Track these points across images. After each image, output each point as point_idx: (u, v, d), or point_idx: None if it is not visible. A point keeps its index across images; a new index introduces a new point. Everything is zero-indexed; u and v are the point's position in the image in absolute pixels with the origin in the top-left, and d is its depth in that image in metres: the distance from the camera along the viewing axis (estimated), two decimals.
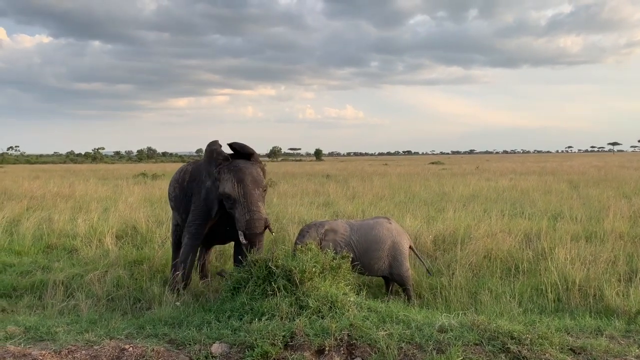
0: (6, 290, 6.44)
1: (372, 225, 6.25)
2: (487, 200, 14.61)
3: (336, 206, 12.99)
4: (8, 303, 6.01)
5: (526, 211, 11.63)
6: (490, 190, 17.45)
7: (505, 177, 24.33)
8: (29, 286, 6.58)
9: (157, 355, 4.16)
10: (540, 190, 16.81)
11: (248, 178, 5.94)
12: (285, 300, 4.82)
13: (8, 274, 7.21)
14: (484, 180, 22.12)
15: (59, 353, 4.15)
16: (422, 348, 4.24)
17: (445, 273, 6.80)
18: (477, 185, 19.25)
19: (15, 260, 7.89)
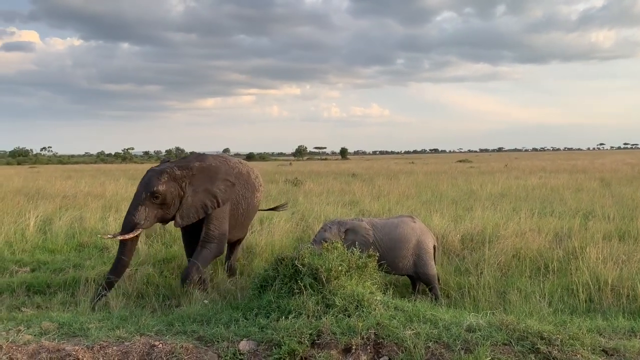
0: (40, 287, 6.61)
1: (396, 223, 6.22)
2: (516, 198, 14.39)
3: (362, 205, 12.96)
4: (42, 299, 6.18)
5: (556, 210, 11.42)
6: (519, 188, 17.18)
7: (535, 175, 23.93)
8: (62, 283, 6.74)
9: (186, 352, 4.22)
10: (571, 189, 16.47)
11: (140, 182, 6.02)
12: (312, 299, 4.84)
13: (42, 271, 7.41)
14: (512, 178, 21.79)
15: (91, 349, 4.25)
16: (449, 347, 4.21)
17: (473, 272, 6.73)
18: (505, 183, 18.97)
19: (49, 258, 8.09)
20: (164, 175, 5.93)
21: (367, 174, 26.50)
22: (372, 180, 21.03)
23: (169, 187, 5.89)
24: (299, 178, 21.64)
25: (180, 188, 6.00)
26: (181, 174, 6.02)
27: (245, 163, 7.18)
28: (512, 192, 16.09)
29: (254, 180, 6.96)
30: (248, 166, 7.13)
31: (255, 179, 7.04)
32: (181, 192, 6.02)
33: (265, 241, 8.22)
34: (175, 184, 5.95)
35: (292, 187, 18.71)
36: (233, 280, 6.60)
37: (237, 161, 6.99)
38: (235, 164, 6.82)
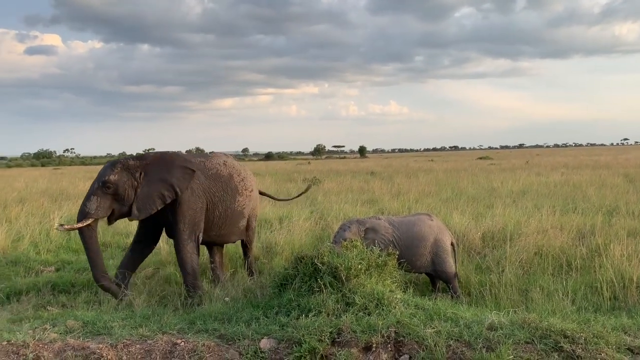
0: (65, 287, 6.73)
1: (414, 221, 6.21)
2: (537, 195, 14.21)
3: (381, 203, 12.93)
4: (67, 298, 6.29)
5: (579, 206, 11.25)
6: (540, 185, 16.96)
7: (557, 171, 23.60)
8: (86, 282, 6.85)
9: (207, 350, 4.27)
10: (594, 185, 16.20)
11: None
12: (332, 297, 4.85)
13: (67, 270, 7.55)
14: (534, 175, 21.52)
15: (115, 347, 4.32)
16: (471, 346, 4.19)
17: (494, 270, 6.67)
18: (527, 180, 18.74)
19: (73, 257, 8.24)
20: (117, 165, 5.98)
21: (386, 172, 26.41)
22: (391, 179, 20.96)
23: (121, 177, 5.89)
24: (317, 177, 21.66)
25: (134, 178, 5.97)
26: (135, 164, 6.02)
27: (231, 165, 6.80)
28: (533, 189, 15.89)
29: (236, 184, 6.66)
30: (234, 169, 6.78)
31: (240, 182, 6.73)
32: (135, 183, 5.98)
33: (285, 240, 8.26)
34: (128, 174, 5.95)
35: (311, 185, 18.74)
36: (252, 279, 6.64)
37: (220, 162, 6.72)
38: (215, 165, 6.61)
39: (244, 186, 6.76)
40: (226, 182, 6.56)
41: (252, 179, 7.08)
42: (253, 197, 6.98)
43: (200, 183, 6.31)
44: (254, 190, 7.00)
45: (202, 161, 6.58)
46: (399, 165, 37.78)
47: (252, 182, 7.02)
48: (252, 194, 6.92)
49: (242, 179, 6.78)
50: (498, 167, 30.17)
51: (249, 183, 6.89)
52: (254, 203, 7.07)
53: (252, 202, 6.94)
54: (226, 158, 6.96)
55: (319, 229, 9.37)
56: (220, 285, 6.37)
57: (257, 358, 4.26)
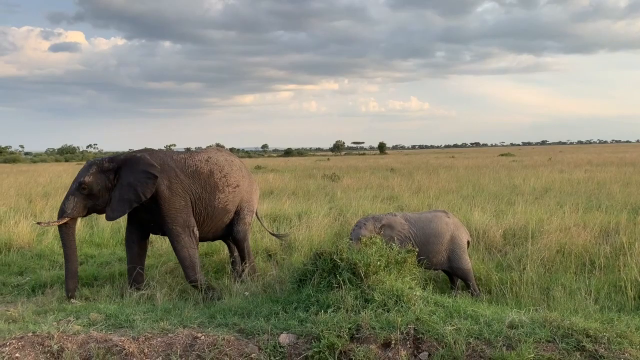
0: (88, 280, 6.85)
1: (430, 218, 6.19)
2: (560, 193, 14.01)
3: (400, 200, 12.88)
4: (90, 292, 6.40)
5: (603, 204, 11.05)
6: (563, 182, 16.71)
7: (580, 168, 23.22)
8: (109, 276, 6.97)
9: (227, 344, 4.31)
10: (619, 182, 15.90)
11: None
12: (351, 293, 4.85)
13: (89, 264, 7.68)
14: (557, 172, 21.21)
15: (136, 339, 4.39)
16: (491, 344, 4.16)
17: (515, 268, 6.60)
18: (549, 177, 18.48)
19: (96, 252, 8.37)
20: (92, 167, 6.13)
21: (406, 169, 26.28)
22: (411, 175, 20.85)
23: (95, 179, 6.04)
24: (336, 173, 21.65)
25: (108, 180, 6.12)
26: (108, 167, 6.15)
27: (214, 161, 6.66)
28: (556, 186, 15.66)
29: (216, 180, 6.54)
30: (217, 165, 6.64)
31: (221, 178, 6.58)
32: (109, 185, 6.12)
33: (304, 236, 8.28)
34: (103, 176, 6.09)
35: (330, 182, 18.74)
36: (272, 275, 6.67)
37: (203, 159, 6.60)
38: (196, 162, 6.51)
39: (225, 182, 6.61)
40: (205, 179, 6.46)
41: (239, 174, 6.84)
42: (239, 193, 6.78)
43: (179, 182, 6.26)
44: (239, 185, 6.78)
45: (183, 158, 6.50)
46: (419, 161, 37.56)
47: (238, 178, 6.79)
48: (237, 189, 6.73)
49: (223, 175, 6.63)
50: (520, 164, 29.79)
51: (233, 179, 6.71)
52: (245, 197, 6.88)
53: (237, 197, 6.75)
54: (213, 153, 6.82)
55: (337, 225, 9.37)
56: (240, 279, 6.41)
57: (277, 353, 4.29)
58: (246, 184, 6.97)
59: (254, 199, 7.15)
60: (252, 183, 7.17)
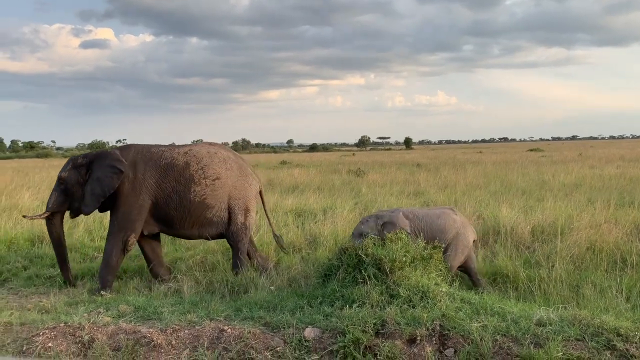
0: (118, 273, 6.97)
1: (437, 214, 6.20)
2: (591, 189, 13.70)
3: (427, 195, 12.77)
4: (119, 284, 6.52)
5: (636, 200, 10.76)
6: (594, 178, 16.33)
7: (612, 164, 22.66)
8: (137, 269, 7.09)
9: (253, 337, 4.35)
10: None
11: None
12: (376, 289, 4.85)
13: None
14: (587, 167, 20.75)
15: (164, 331, 4.47)
16: (518, 341, 4.11)
17: (544, 265, 6.49)
18: (579, 173, 18.09)
19: None
20: (69, 163, 6.44)
21: (433, 164, 26.04)
22: (437, 171, 20.66)
23: (70, 174, 6.31)
24: (361, 168, 21.58)
25: (80, 176, 6.32)
26: (81, 162, 6.40)
27: (193, 154, 6.45)
28: (586, 182, 15.32)
29: (192, 172, 6.32)
30: (195, 157, 6.42)
31: (198, 170, 6.35)
32: (81, 180, 6.32)
33: (329, 231, 8.28)
34: (76, 171, 6.34)
35: (355, 177, 18.70)
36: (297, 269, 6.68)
37: (182, 151, 6.46)
38: (173, 154, 6.39)
39: (202, 174, 6.35)
40: (180, 172, 6.30)
41: (220, 167, 6.49)
42: (220, 186, 6.44)
43: (144, 178, 6.22)
44: (220, 178, 6.43)
45: (160, 151, 6.42)
46: (446, 157, 37.17)
47: (219, 170, 6.45)
48: (216, 182, 6.41)
49: (200, 167, 6.37)
50: (549, 159, 29.25)
51: (211, 171, 6.40)
52: (233, 194, 6.54)
53: (217, 191, 6.42)
54: (196, 146, 6.64)
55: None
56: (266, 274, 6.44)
57: (302, 346, 4.32)
58: (232, 178, 6.55)
59: (248, 196, 6.69)
60: (246, 178, 6.70)
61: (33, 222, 9.01)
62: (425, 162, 28.99)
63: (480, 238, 7.81)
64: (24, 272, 7.11)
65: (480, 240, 7.73)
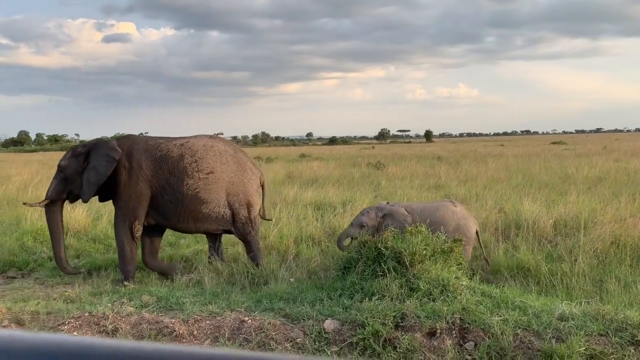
0: (140, 264, 7.08)
1: (436, 207, 6.20)
2: (615, 182, 13.46)
3: (447, 189, 12.70)
4: (142, 275, 6.63)
5: None
6: (619, 171, 16.04)
7: (638, 157, 22.22)
8: (160, 260, 7.18)
9: (273, 328, 4.39)
10: None
11: None
12: (395, 282, 4.85)
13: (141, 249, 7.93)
14: (612, 161, 20.38)
15: (186, 322, 4.53)
16: (539, 335, 4.07)
17: (566, 259, 6.41)
18: (604, 166, 17.78)
19: None
20: (69, 152, 6.62)
21: (453, 157, 25.83)
22: (458, 164, 20.49)
23: (69, 163, 6.44)
24: (381, 161, 21.51)
25: (79, 165, 6.42)
26: (80, 151, 6.50)
27: (188, 146, 6.38)
28: (611, 175, 15.05)
29: (186, 165, 6.25)
30: (190, 150, 6.35)
31: (191, 163, 6.26)
32: (79, 168, 6.41)
33: (348, 224, 8.28)
34: (75, 160, 6.45)
35: (375, 170, 18.65)
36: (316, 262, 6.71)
37: (178, 143, 6.41)
38: (169, 146, 6.36)
39: (195, 167, 6.26)
40: (174, 164, 6.26)
41: (215, 160, 6.38)
42: (214, 181, 6.33)
43: (141, 168, 6.25)
44: (213, 172, 6.32)
45: (157, 143, 6.43)
46: (467, 150, 36.83)
47: (213, 164, 6.35)
48: (210, 176, 6.29)
49: (194, 160, 6.28)
50: (573, 152, 28.80)
51: (205, 164, 6.30)
52: (231, 190, 6.43)
53: (212, 185, 6.31)
54: (194, 138, 6.56)
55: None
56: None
57: (321, 338, 4.34)
58: (228, 172, 6.42)
59: (248, 191, 6.55)
60: (244, 173, 6.55)
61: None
62: (445, 155, 28.78)
63: (501, 232, 7.75)
64: (49, 262, 7.26)
65: (502, 233, 7.66)
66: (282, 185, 13.51)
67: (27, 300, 5.36)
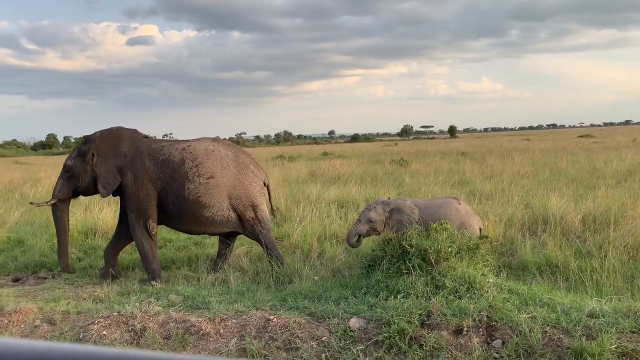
0: (167, 263, 7.18)
1: (440, 204, 6.16)
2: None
3: (472, 185, 12.55)
4: (169, 274, 6.71)
5: None
6: None
7: None
8: (186, 259, 7.27)
9: (299, 327, 4.40)
10: None
11: None
12: (421, 279, 4.82)
13: (168, 248, 8.05)
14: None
15: (212, 320, 4.58)
16: (569, 333, 4.00)
17: (596, 255, 6.28)
18: (634, 159, 17.36)
19: (174, 236, 8.74)
20: (74, 151, 6.66)
21: (478, 153, 25.52)
22: (483, 159, 20.24)
23: (75, 162, 6.51)
24: (404, 158, 21.37)
25: (86, 162, 6.44)
26: (85, 148, 6.52)
27: (190, 150, 6.38)
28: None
29: (186, 170, 6.25)
30: (191, 154, 6.34)
31: (192, 168, 6.26)
32: (87, 167, 6.44)
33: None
34: (81, 158, 6.49)
35: (398, 167, 18.54)
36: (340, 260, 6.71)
37: (179, 147, 6.44)
38: (171, 150, 6.39)
39: (196, 172, 6.25)
40: (175, 168, 6.28)
41: (215, 165, 6.35)
42: (215, 185, 6.31)
43: (144, 170, 6.30)
44: (214, 177, 6.30)
45: (160, 146, 6.47)
46: (492, 145, 36.36)
47: (213, 168, 6.33)
48: (210, 181, 6.28)
49: (195, 165, 6.27)
50: (601, 145, 28.19)
51: (205, 169, 6.28)
52: (233, 193, 6.40)
53: (213, 190, 6.29)
54: (196, 142, 6.57)
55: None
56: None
57: (347, 336, 4.34)
58: (228, 176, 6.40)
59: (251, 193, 6.52)
60: (245, 176, 6.51)
61: (86, 216, 9.37)
62: (470, 150, 28.45)
63: (528, 228, 7.63)
64: (78, 263, 7.41)
65: (529, 229, 7.55)
66: (305, 184, 13.54)
67: (57, 300, 5.48)
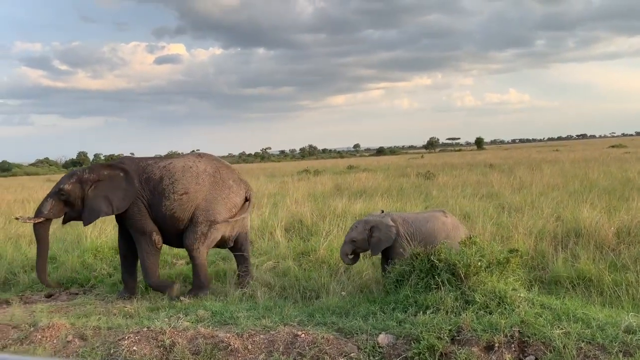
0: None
1: (426, 218, 6.13)
2: None
3: (501, 197, 12.35)
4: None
5: None
6: None
7: None
8: (213, 274, 7.31)
9: (327, 343, 4.37)
10: None
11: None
12: (450, 295, 4.75)
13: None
14: None
15: (241, 336, 4.58)
16: (605, 349, 3.88)
17: (631, 268, 6.10)
18: None
19: None
20: (73, 176, 6.60)
21: (506, 164, 25.15)
22: (511, 171, 19.93)
23: (73, 188, 6.48)
24: (431, 171, 21.20)
25: (84, 191, 6.49)
26: (88, 178, 6.52)
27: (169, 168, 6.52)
28: None
29: (164, 187, 6.39)
30: (169, 171, 6.48)
31: (169, 185, 6.39)
32: (83, 194, 6.49)
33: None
34: (80, 186, 6.49)
35: (425, 180, 18.39)
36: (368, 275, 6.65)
37: (161, 165, 6.56)
38: (154, 168, 6.54)
39: (171, 189, 6.38)
40: (154, 186, 6.46)
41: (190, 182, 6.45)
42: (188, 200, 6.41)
43: (132, 188, 6.43)
44: (187, 193, 6.39)
45: (146, 165, 6.63)
46: (520, 156, 35.84)
47: (188, 185, 6.42)
48: (184, 197, 6.39)
49: (171, 182, 6.40)
50: (634, 155, 27.49)
51: (180, 186, 6.39)
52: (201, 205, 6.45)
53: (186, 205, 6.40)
54: (177, 160, 6.70)
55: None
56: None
57: (376, 352, 4.29)
58: (203, 192, 6.48)
59: (220, 210, 6.55)
60: (221, 192, 6.59)
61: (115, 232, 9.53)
62: (498, 162, 28.08)
63: (560, 240, 7.47)
64: (109, 278, 7.52)
65: (560, 242, 7.38)
66: (330, 198, 13.52)
67: (89, 315, 5.56)
